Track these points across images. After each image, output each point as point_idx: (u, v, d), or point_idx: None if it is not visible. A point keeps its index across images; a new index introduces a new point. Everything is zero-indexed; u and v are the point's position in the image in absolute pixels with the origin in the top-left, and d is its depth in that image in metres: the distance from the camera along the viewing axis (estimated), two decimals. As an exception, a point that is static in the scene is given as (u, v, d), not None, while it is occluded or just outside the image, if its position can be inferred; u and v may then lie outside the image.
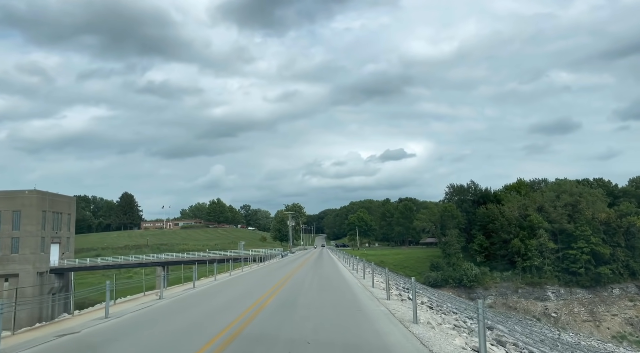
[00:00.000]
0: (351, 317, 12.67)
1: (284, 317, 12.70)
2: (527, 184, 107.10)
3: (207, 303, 17.31)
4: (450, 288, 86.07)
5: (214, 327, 11.16)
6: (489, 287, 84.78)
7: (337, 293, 19.18)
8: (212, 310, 15.20)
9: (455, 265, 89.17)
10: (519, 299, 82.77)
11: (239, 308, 14.45)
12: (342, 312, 13.73)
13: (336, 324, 11.63)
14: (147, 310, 15.44)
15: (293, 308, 14.29)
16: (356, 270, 33.31)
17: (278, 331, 10.68)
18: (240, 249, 74.90)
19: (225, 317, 12.86)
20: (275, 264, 47.75)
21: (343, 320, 12.16)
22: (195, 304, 17.15)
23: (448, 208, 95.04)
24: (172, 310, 15.67)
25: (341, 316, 12.86)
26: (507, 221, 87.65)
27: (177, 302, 17.79)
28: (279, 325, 11.44)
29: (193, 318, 13.14)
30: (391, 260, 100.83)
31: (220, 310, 15.06)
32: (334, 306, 14.83)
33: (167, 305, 16.87)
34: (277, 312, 13.73)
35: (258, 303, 15.93)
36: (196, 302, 17.72)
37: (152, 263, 70.69)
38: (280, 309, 14.26)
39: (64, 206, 70.94)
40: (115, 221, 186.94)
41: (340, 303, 15.92)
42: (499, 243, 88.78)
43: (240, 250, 73.04)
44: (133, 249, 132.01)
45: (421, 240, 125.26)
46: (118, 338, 10.62)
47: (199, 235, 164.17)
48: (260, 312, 13.69)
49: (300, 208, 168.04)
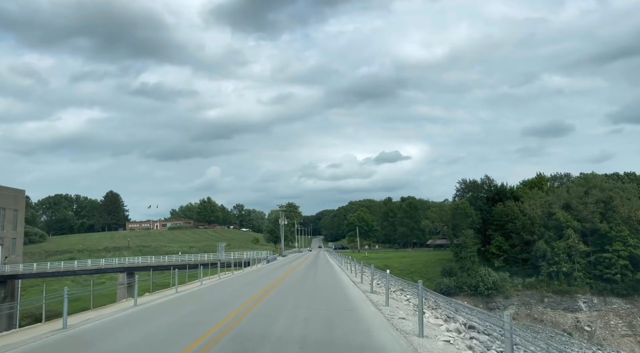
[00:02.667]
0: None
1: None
2: (547, 179, 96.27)
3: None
4: (465, 297, 75.18)
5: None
6: (510, 296, 73.92)
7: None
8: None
9: (470, 269, 78.38)
10: (545, 310, 71.89)
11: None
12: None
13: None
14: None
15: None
16: (372, 288, 22.32)
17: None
18: (219, 252, 63.74)
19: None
20: (254, 273, 36.65)
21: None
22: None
23: (461, 206, 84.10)
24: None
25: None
26: (530, 220, 76.80)
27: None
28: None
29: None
30: (396, 264, 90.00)
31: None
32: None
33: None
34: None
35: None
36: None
37: (112, 269, 59.58)
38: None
39: (8, 200, 59.50)
40: (99, 222, 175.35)
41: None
42: (520, 245, 77.97)
43: (219, 253, 61.85)
44: (112, 251, 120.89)
45: (428, 241, 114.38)
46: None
47: (186, 237, 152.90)
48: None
49: (295, 207, 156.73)
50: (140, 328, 11.68)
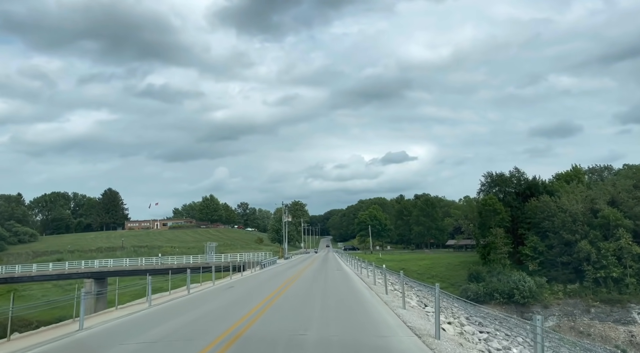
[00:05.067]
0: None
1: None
2: (583, 172, 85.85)
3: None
4: (496, 305, 65.21)
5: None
6: (550, 305, 63.81)
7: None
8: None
9: (500, 274, 68.43)
10: (592, 322, 61.69)
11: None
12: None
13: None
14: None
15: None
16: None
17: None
18: (207, 254, 54.05)
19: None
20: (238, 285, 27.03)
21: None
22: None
23: (489, 201, 73.99)
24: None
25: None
26: (571, 217, 66.61)
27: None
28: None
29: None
30: (415, 267, 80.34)
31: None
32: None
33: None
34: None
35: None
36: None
37: (77, 274, 50.39)
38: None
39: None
40: (97, 221, 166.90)
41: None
42: (559, 246, 67.75)
43: (208, 255, 52.04)
44: (104, 252, 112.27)
45: (447, 241, 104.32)
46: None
47: (187, 236, 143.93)
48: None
49: (301, 205, 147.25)
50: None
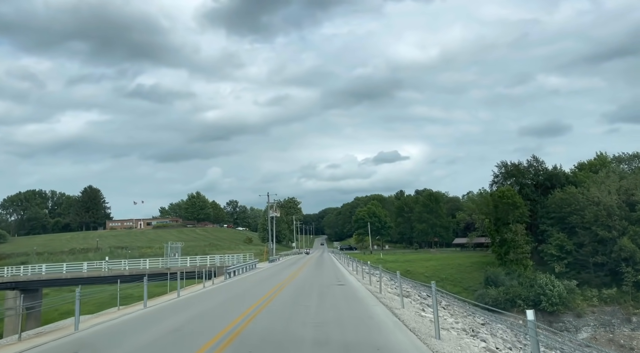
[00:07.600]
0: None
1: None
2: (609, 161, 76.54)
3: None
4: (519, 312, 55.83)
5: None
6: (583, 313, 54.47)
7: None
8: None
9: (522, 276, 59.10)
10: (634, 333, 52.38)
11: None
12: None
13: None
14: None
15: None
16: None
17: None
18: (168, 256, 43.94)
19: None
20: (175, 306, 17.19)
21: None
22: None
23: (507, 194, 64.43)
24: None
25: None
26: (606, 210, 57.25)
27: None
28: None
29: None
30: (421, 269, 70.78)
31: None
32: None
33: None
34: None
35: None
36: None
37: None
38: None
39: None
40: (76, 220, 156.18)
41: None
42: (590, 244, 58.47)
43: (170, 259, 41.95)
44: (77, 254, 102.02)
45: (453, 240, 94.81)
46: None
47: (171, 236, 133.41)
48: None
49: (295, 203, 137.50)
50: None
